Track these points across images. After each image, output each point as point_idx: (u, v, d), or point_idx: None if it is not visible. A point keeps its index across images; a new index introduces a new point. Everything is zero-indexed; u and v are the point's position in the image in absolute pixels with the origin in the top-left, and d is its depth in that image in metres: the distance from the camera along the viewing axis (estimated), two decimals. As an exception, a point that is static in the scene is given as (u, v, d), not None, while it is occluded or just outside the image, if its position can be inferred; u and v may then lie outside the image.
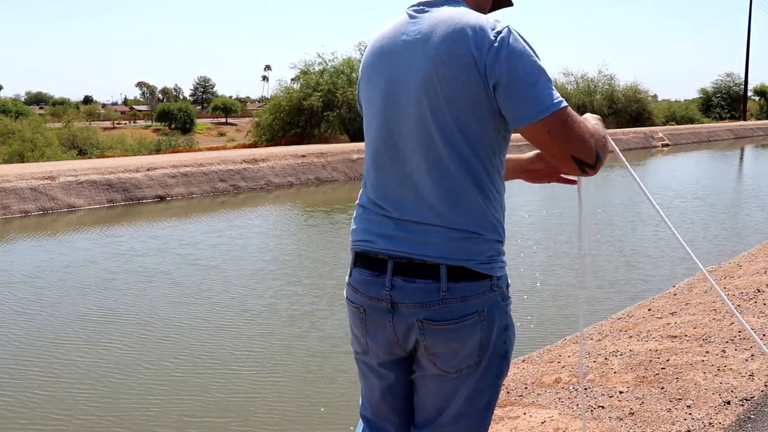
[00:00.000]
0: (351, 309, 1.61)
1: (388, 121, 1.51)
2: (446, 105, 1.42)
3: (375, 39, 1.59)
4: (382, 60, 1.53)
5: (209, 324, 5.77)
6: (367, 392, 1.70)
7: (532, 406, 3.17)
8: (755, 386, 3.17)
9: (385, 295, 1.50)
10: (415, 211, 1.48)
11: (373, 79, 1.55)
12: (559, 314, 5.88)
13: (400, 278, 1.48)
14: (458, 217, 1.46)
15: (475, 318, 1.47)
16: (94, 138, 27.54)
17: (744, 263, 6.26)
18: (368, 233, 1.56)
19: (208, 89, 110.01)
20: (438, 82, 1.41)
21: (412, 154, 1.47)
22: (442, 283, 1.45)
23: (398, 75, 1.48)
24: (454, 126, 1.43)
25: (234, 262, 8.16)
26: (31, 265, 8.19)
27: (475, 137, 1.44)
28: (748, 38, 54.58)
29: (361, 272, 1.56)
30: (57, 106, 55.81)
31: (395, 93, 1.48)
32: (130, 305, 6.36)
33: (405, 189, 1.49)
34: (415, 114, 1.45)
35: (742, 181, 17.90)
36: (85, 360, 5.01)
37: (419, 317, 1.47)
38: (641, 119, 42.66)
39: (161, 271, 7.70)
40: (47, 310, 6.28)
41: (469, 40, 1.39)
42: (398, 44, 1.50)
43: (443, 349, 1.49)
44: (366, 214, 1.58)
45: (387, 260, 1.50)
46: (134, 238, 9.91)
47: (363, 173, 1.63)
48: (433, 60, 1.42)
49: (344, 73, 30.61)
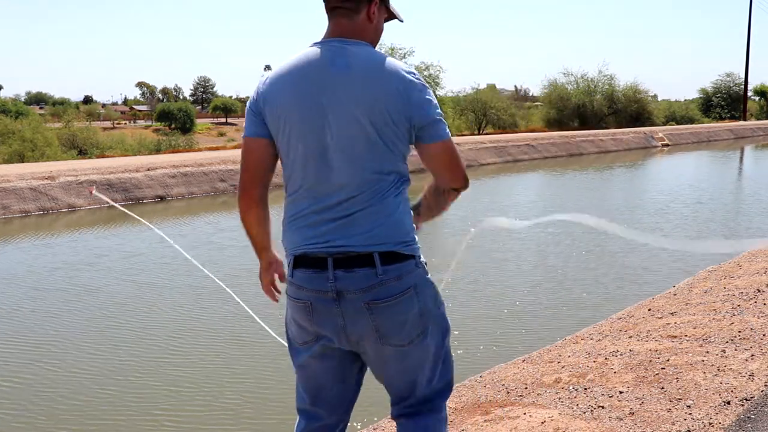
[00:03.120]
0: (297, 304, 1.83)
1: (320, 136, 1.77)
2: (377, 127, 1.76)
3: (290, 66, 1.80)
4: (311, 85, 1.77)
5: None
6: (306, 382, 1.92)
7: (532, 406, 3.17)
8: (755, 386, 3.17)
9: (330, 287, 1.75)
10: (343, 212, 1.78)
11: (301, 101, 1.77)
12: (559, 314, 5.89)
13: (341, 270, 1.75)
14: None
15: (411, 293, 1.78)
16: (94, 138, 27.51)
17: (744, 263, 6.26)
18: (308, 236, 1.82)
19: (208, 89, 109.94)
20: (370, 110, 1.74)
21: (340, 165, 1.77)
22: (378, 267, 1.75)
23: (331, 99, 1.76)
24: (375, 135, 1.76)
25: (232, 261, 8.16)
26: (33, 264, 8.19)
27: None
28: (748, 38, 54.65)
29: (304, 271, 1.80)
30: (57, 106, 55.74)
31: (335, 116, 1.75)
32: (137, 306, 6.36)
33: (334, 194, 1.77)
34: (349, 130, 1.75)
35: (742, 181, 17.90)
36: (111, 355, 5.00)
37: (365, 300, 1.75)
38: (641, 119, 42.67)
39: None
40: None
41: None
42: (328, 73, 1.77)
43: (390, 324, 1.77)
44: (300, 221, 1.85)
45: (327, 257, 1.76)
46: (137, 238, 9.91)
47: (286, 178, 1.89)
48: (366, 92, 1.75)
49: (344, 73, 30.59)
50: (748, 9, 57.55)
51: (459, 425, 3.10)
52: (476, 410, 3.25)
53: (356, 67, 1.75)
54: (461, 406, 3.34)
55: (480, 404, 3.33)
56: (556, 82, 43.03)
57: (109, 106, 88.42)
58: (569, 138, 28.33)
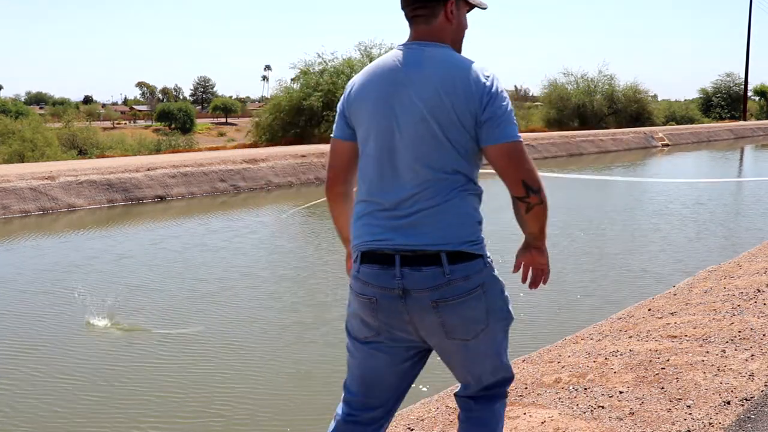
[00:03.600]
0: (362, 300, 1.87)
1: (390, 136, 1.82)
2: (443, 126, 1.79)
3: (372, 68, 1.89)
4: (386, 86, 1.83)
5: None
6: (361, 374, 1.97)
7: (532, 406, 3.17)
8: (755, 386, 3.17)
9: (396, 284, 1.79)
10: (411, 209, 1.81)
11: (375, 102, 1.84)
12: (559, 314, 5.89)
13: (408, 268, 1.78)
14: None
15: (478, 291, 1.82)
16: (94, 138, 27.49)
17: (744, 263, 6.26)
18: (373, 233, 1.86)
19: (208, 89, 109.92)
20: (437, 109, 1.78)
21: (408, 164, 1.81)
22: (445, 266, 1.77)
23: (402, 100, 1.80)
24: (442, 136, 1.79)
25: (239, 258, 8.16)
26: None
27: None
28: (748, 38, 54.59)
29: (371, 267, 1.83)
30: (57, 106, 55.78)
31: (406, 116, 1.80)
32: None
33: (403, 193, 1.81)
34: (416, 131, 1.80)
35: (742, 181, 17.89)
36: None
37: (432, 299, 1.78)
38: (641, 119, 42.63)
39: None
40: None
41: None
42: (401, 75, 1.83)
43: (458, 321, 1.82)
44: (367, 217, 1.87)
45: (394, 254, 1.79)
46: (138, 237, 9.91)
47: (359, 177, 1.92)
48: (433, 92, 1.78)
49: (344, 73, 30.56)
50: (748, 9, 57.58)
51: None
52: (476, 410, 3.25)
53: (427, 67, 1.80)
54: (461, 406, 3.34)
55: (480, 404, 3.33)
56: (556, 82, 42.99)
57: (109, 106, 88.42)
58: (569, 138, 28.32)
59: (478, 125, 1.78)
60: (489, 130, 1.77)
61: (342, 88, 28.68)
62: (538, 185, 1.80)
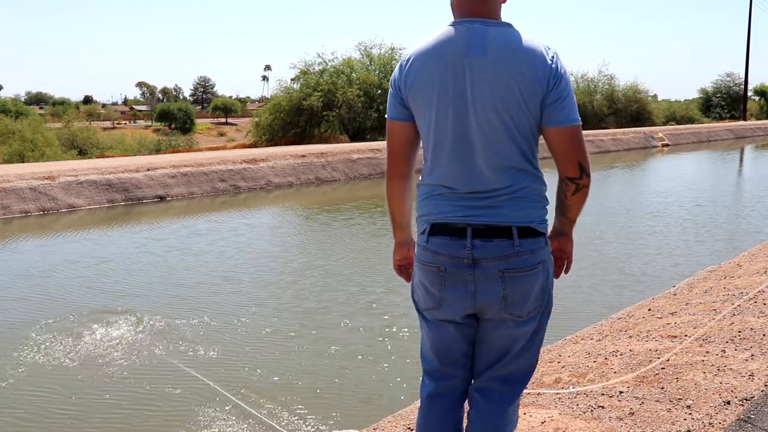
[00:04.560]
0: (429, 269, 1.90)
1: (456, 120, 1.82)
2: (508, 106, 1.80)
3: (431, 47, 1.84)
4: (449, 68, 1.81)
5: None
6: (435, 342, 2.00)
7: (532, 406, 3.17)
8: (755, 386, 3.17)
9: (466, 254, 1.82)
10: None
11: (439, 85, 1.82)
12: (559, 314, 5.88)
13: (479, 239, 1.82)
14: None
15: (539, 267, 1.87)
16: (94, 138, 27.50)
17: (744, 263, 6.26)
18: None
19: (208, 89, 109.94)
20: (505, 96, 1.78)
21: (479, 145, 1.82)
22: (515, 239, 1.82)
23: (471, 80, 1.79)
24: (511, 123, 1.80)
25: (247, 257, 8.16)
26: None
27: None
28: (748, 38, 54.60)
29: (441, 238, 1.86)
30: (57, 106, 55.76)
31: (473, 99, 1.79)
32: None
33: (474, 172, 1.83)
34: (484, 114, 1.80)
35: (742, 181, 17.89)
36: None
37: (499, 268, 1.83)
38: (641, 119, 42.64)
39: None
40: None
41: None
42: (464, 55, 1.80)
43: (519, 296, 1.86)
44: (437, 193, 1.90)
45: (466, 227, 1.83)
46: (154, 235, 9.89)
47: (426, 161, 1.94)
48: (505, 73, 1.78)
49: (344, 73, 30.60)
50: (748, 9, 57.53)
51: (459, 425, 3.10)
52: (476, 410, 3.25)
53: (491, 50, 1.78)
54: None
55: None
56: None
57: (109, 106, 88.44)
58: (569, 138, 28.24)
59: (543, 107, 1.79)
60: (553, 113, 1.79)
61: (342, 87, 28.74)
62: (589, 169, 1.87)
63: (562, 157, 1.84)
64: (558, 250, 2.02)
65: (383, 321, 5.74)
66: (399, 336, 5.37)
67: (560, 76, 1.79)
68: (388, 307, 6.14)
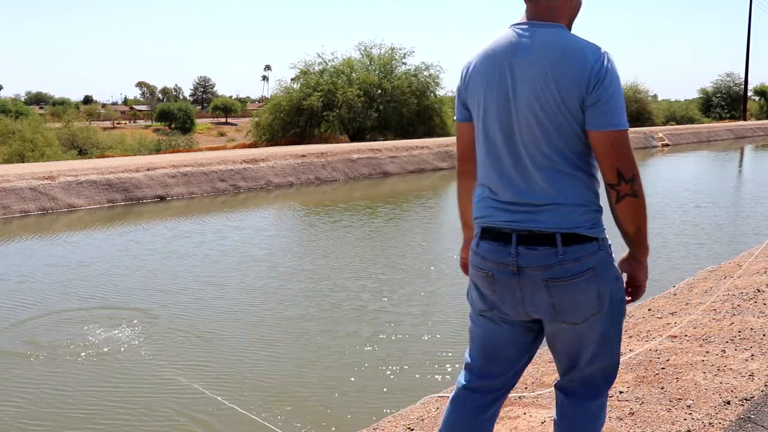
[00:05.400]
0: (480, 273, 1.92)
1: (503, 122, 1.83)
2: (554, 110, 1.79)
3: (485, 49, 1.88)
4: (497, 70, 1.83)
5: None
6: (481, 343, 2.02)
7: (532, 406, 3.17)
8: (755, 386, 3.17)
9: (511, 261, 1.82)
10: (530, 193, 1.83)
11: (487, 87, 1.86)
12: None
13: (523, 247, 1.81)
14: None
15: (589, 274, 1.81)
16: (94, 138, 27.49)
17: (744, 263, 6.26)
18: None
19: (208, 89, 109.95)
20: (546, 98, 1.77)
21: (525, 148, 1.82)
22: (558, 248, 1.79)
23: (517, 83, 1.81)
24: (550, 125, 1.79)
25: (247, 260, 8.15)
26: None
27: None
28: (748, 38, 54.57)
29: (489, 243, 1.88)
30: (57, 106, 55.76)
31: (515, 98, 1.81)
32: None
33: (520, 175, 1.83)
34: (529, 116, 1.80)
35: (741, 181, 17.90)
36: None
37: (543, 277, 1.80)
38: (641, 119, 42.64)
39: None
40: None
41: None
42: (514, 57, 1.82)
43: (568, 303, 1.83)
44: (487, 194, 1.91)
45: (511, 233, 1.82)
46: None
47: (478, 161, 1.95)
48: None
49: (344, 73, 30.60)
50: (748, 9, 57.53)
51: (459, 425, 3.09)
52: (476, 410, 3.25)
53: (536, 51, 1.78)
54: (461, 406, 3.33)
55: (480, 404, 3.33)
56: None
57: (109, 106, 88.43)
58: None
59: (583, 109, 1.76)
60: (593, 115, 1.75)
61: (342, 87, 28.76)
62: (631, 174, 1.77)
63: (601, 162, 1.79)
64: (629, 277, 1.93)
65: (383, 321, 5.75)
66: (399, 336, 5.37)
67: (603, 77, 1.73)
68: (389, 307, 6.15)
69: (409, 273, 7.36)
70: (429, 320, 5.72)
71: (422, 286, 6.82)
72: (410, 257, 8.24)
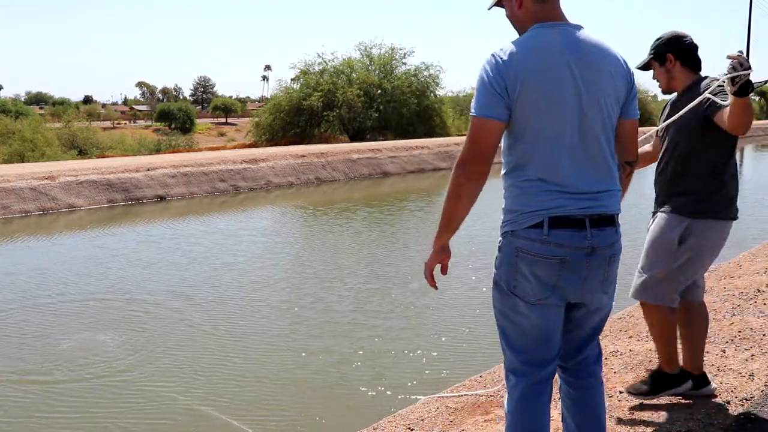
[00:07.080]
0: (548, 261, 2.00)
1: (564, 118, 1.97)
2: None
3: (532, 48, 1.96)
4: (553, 69, 1.95)
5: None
6: (541, 327, 2.08)
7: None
8: (755, 386, 3.17)
9: (587, 244, 1.99)
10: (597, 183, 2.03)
11: (553, 85, 1.95)
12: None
13: (595, 229, 2.00)
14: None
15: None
16: (94, 138, 27.52)
17: (744, 263, 6.26)
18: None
19: (208, 89, 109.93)
20: (610, 94, 2.02)
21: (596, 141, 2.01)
22: (617, 227, 2.07)
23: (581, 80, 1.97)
24: (607, 118, 2.03)
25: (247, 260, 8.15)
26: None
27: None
28: (748, 38, 54.54)
29: (564, 230, 1.99)
30: (57, 106, 55.75)
31: (586, 95, 1.97)
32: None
33: (588, 165, 2.00)
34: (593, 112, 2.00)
35: (741, 182, 17.88)
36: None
37: (609, 254, 2.04)
38: (641, 119, 42.56)
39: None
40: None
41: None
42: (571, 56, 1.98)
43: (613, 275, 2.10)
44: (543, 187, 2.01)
45: (584, 218, 1.99)
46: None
47: (529, 157, 2.00)
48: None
49: (344, 73, 30.61)
50: (748, 9, 57.53)
51: (459, 425, 3.10)
52: (476, 410, 3.25)
53: (591, 50, 1.99)
54: (461, 406, 3.34)
55: (480, 404, 3.33)
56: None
57: (109, 106, 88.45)
58: (569, 138, 28.27)
59: (626, 102, 2.08)
60: (632, 106, 2.12)
61: (342, 87, 28.74)
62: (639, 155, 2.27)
63: (629, 145, 2.14)
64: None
65: (382, 323, 5.74)
66: (397, 337, 5.37)
67: (633, 73, 2.09)
68: (395, 305, 6.14)
69: (411, 272, 7.36)
70: (429, 319, 5.72)
71: (423, 285, 6.82)
72: (418, 257, 8.24)
